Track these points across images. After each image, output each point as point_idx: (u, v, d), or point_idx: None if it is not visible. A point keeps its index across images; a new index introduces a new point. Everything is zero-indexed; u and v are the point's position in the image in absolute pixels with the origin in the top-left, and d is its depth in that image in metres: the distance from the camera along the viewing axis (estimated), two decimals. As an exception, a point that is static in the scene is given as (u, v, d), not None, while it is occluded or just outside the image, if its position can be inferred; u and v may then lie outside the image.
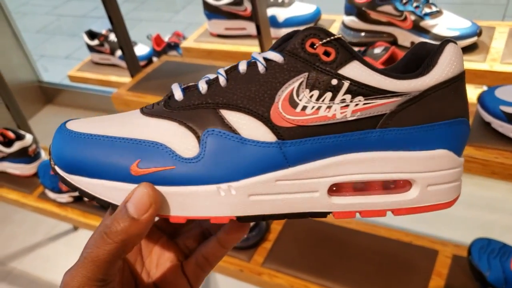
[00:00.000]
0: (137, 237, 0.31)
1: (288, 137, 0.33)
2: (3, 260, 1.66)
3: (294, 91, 0.33)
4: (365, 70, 0.33)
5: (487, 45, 0.96)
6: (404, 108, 0.34)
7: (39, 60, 2.72)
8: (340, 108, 0.33)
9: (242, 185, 0.33)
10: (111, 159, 0.34)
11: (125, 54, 1.18)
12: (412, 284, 0.90)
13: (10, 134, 1.27)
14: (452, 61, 0.34)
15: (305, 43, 0.33)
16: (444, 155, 0.34)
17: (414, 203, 0.35)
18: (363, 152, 0.34)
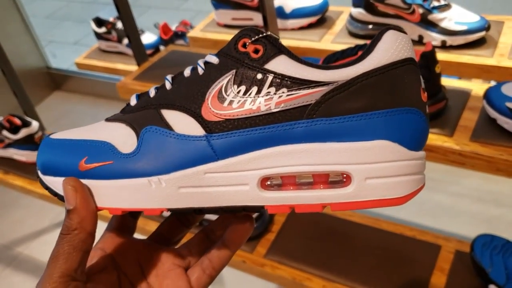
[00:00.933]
0: (83, 224, 0.34)
1: (216, 130, 0.34)
2: (10, 245, 1.68)
3: (223, 87, 0.35)
4: (291, 63, 0.34)
5: (495, 40, 0.94)
6: (331, 97, 0.33)
7: (48, 46, 2.72)
8: (264, 100, 0.33)
9: (171, 177, 0.35)
10: (66, 157, 0.37)
11: (132, 43, 1.18)
12: (414, 279, 0.90)
13: (16, 120, 1.27)
14: (389, 48, 0.33)
15: (237, 43, 0.35)
16: (384, 145, 0.32)
17: (351, 197, 0.33)
18: (291, 144, 0.33)
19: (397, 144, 0.33)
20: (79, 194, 0.35)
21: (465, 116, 0.78)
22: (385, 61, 0.33)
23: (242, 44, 0.35)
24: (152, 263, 0.39)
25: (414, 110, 0.33)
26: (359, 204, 0.33)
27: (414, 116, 0.33)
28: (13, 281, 1.55)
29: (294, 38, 1.10)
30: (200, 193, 0.35)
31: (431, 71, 0.74)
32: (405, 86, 0.33)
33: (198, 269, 0.39)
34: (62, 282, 0.33)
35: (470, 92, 0.82)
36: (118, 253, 0.39)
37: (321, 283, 0.92)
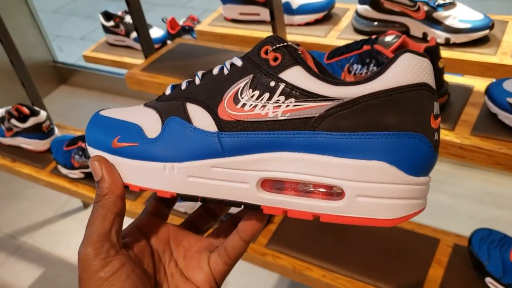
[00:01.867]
0: (111, 188, 0.39)
1: (227, 129, 0.37)
2: (14, 234, 1.70)
3: (239, 90, 0.37)
4: (304, 74, 0.35)
5: (498, 39, 0.96)
6: (334, 113, 0.33)
7: (55, 40, 2.74)
8: (272, 107, 0.35)
9: (183, 166, 0.38)
10: (105, 133, 0.42)
11: (140, 36, 1.20)
12: (412, 271, 0.91)
13: (25, 109, 1.29)
14: (401, 71, 0.33)
15: (260, 49, 0.37)
16: (380, 167, 0.33)
17: (340, 211, 0.34)
18: (292, 152, 0.35)
19: (394, 167, 0.33)
20: (103, 165, 0.40)
21: (467, 111, 0.79)
22: (394, 83, 0.33)
23: (265, 50, 0.36)
24: (181, 246, 0.42)
25: (419, 135, 0.33)
26: (347, 219, 0.34)
27: (417, 142, 0.33)
28: (17, 270, 1.57)
29: (300, 33, 1.12)
30: (205, 184, 0.38)
31: (434, 66, 0.76)
32: (413, 110, 0.33)
33: (216, 255, 0.41)
34: (99, 241, 0.36)
35: (472, 88, 0.84)
36: (151, 232, 0.41)
37: (321, 272, 0.93)
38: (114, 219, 0.38)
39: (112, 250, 0.37)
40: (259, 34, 1.16)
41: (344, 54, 0.83)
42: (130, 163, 0.40)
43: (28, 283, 1.51)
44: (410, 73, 0.33)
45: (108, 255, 0.36)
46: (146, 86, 1.05)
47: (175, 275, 0.40)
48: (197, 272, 0.41)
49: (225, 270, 0.41)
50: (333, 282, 0.92)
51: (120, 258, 0.37)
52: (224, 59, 1.16)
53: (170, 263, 0.41)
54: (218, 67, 0.40)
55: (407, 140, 0.33)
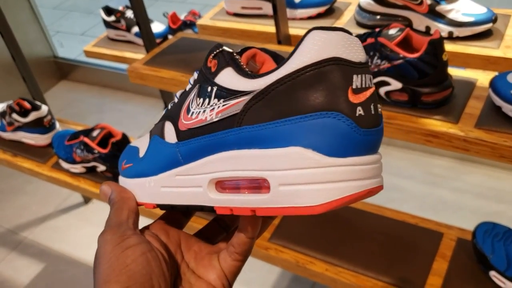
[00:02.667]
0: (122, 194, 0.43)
1: (182, 138, 0.39)
2: (15, 229, 1.70)
3: (191, 100, 0.38)
4: (233, 75, 0.35)
5: (501, 32, 0.96)
6: (251, 106, 0.33)
7: (55, 36, 2.74)
8: (209, 111, 0.36)
9: (157, 178, 0.41)
10: (121, 160, 0.47)
11: (142, 30, 1.19)
12: (416, 265, 0.91)
13: (26, 104, 1.29)
14: (307, 51, 0.31)
15: (207, 60, 0.38)
16: (295, 152, 0.31)
17: (268, 203, 0.33)
18: (226, 151, 0.35)
19: (311, 150, 0.31)
20: (112, 185, 0.44)
21: (471, 104, 0.79)
22: (298, 65, 0.31)
23: (210, 60, 0.38)
24: (192, 250, 0.43)
25: (334, 113, 0.30)
26: (276, 210, 0.33)
27: (333, 120, 0.31)
28: (18, 265, 1.57)
29: (302, 27, 1.12)
30: (173, 192, 0.40)
31: (439, 59, 0.75)
32: (323, 89, 0.31)
33: (225, 253, 0.41)
34: (116, 226, 0.39)
35: (476, 82, 0.84)
36: (163, 235, 0.42)
37: (324, 266, 0.93)
38: (129, 214, 0.41)
39: (128, 231, 0.38)
40: (261, 28, 1.16)
41: (347, 47, 0.83)
42: (129, 181, 0.44)
43: (29, 278, 1.51)
44: (314, 51, 0.31)
45: (124, 234, 0.38)
46: (148, 80, 1.04)
47: (187, 274, 0.41)
48: (209, 271, 0.41)
49: (235, 267, 0.41)
50: (336, 276, 0.92)
51: (136, 237, 0.38)
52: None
53: (182, 264, 0.42)
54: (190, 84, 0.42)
55: (320, 121, 0.31)
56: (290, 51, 0.33)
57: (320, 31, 0.31)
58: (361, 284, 0.90)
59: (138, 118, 2.09)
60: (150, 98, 2.12)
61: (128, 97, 2.25)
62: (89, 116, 2.16)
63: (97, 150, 1.12)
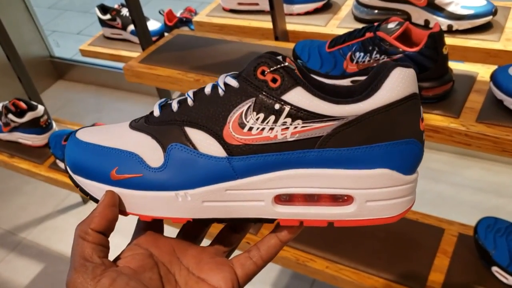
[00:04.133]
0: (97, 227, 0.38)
1: (236, 153, 0.37)
2: (14, 230, 1.69)
3: (243, 113, 0.37)
4: (306, 95, 0.36)
5: (501, 25, 0.95)
6: (341, 131, 0.36)
7: (51, 35, 2.72)
8: (281, 130, 0.36)
9: (196, 192, 0.38)
10: (97, 164, 0.41)
11: (138, 28, 1.18)
12: (417, 261, 0.90)
13: (22, 104, 1.28)
14: (396, 86, 0.35)
15: (256, 70, 0.37)
16: (383, 174, 0.36)
17: (353, 216, 0.37)
18: (303, 168, 0.37)
19: (395, 172, 0.36)
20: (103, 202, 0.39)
21: (472, 98, 0.78)
22: (391, 99, 0.35)
23: (261, 71, 0.37)
24: (189, 254, 0.41)
25: (412, 140, 0.37)
26: (359, 221, 0.38)
27: (412, 146, 0.37)
28: (17, 266, 1.56)
29: (299, 23, 1.11)
30: (221, 206, 0.39)
31: (439, 53, 0.74)
32: (407, 120, 0.36)
33: (244, 255, 0.40)
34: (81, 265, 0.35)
35: (477, 76, 0.82)
36: (152, 247, 0.40)
37: (324, 264, 0.92)
38: (94, 247, 0.37)
39: (98, 270, 0.35)
40: (258, 24, 1.15)
41: (346, 42, 0.82)
42: (136, 194, 0.39)
43: (28, 279, 1.50)
44: (402, 87, 0.36)
45: (95, 274, 0.35)
46: (145, 78, 1.03)
47: (190, 282, 0.39)
48: (216, 274, 0.39)
49: (253, 271, 0.40)
50: (337, 273, 0.91)
51: (109, 274, 0.35)
52: (223, 49, 1.14)
53: (181, 271, 0.39)
54: (210, 86, 0.39)
55: (403, 147, 0.36)
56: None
57: (404, 68, 0.36)
58: (362, 281, 0.89)
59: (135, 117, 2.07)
60: (147, 97, 2.11)
61: (125, 96, 2.23)
62: (86, 116, 2.15)
63: (94, 149, 1.10)
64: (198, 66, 0.98)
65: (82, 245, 0.36)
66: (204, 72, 0.96)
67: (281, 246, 0.40)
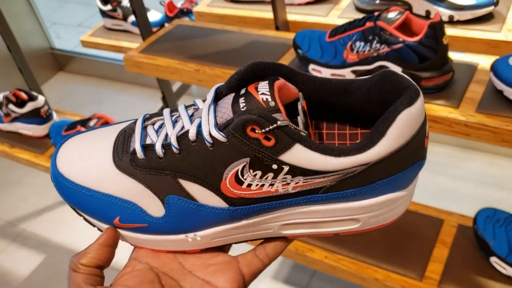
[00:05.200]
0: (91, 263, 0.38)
1: (238, 204, 0.37)
2: (14, 221, 1.69)
3: (239, 171, 0.35)
4: (305, 153, 0.34)
5: (503, 15, 0.94)
6: (344, 179, 0.35)
7: (52, 27, 2.72)
8: (281, 185, 0.35)
9: (205, 233, 0.39)
10: (97, 211, 0.40)
11: (138, 19, 1.18)
12: (416, 252, 0.91)
13: (22, 95, 1.28)
14: (402, 132, 0.33)
15: (246, 128, 0.34)
16: (388, 199, 0.36)
17: (357, 229, 0.39)
18: (308, 206, 0.37)
19: (396, 193, 0.36)
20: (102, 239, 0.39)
21: (472, 88, 0.78)
22: (396, 146, 0.33)
23: (251, 129, 0.33)
24: (189, 260, 0.40)
25: (418, 162, 0.36)
26: (362, 230, 0.39)
27: (417, 167, 0.36)
28: (18, 257, 1.56)
29: (300, 13, 1.10)
30: (231, 238, 0.40)
31: (439, 43, 0.74)
32: (414, 150, 0.35)
33: (251, 254, 0.40)
34: None
35: (477, 66, 0.82)
36: (152, 258, 0.40)
37: (324, 254, 0.92)
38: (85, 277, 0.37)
39: None
40: (259, 14, 1.14)
41: (346, 32, 0.82)
42: (146, 237, 0.40)
43: (29, 270, 1.51)
44: (410, 130, 0.33)
45: None
46: (145, 69, 1.03)
47: (195, 286, 0.38)
48: (222, 275, 0.39)
49: (259, 269, 0.40)
50: (336, 263, 0.91)
51: None
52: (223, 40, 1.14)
53: (185, 276, 0.39)
54: (194, 133, 0.36)
55: (409, 171, 0.36)
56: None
57: (408, 111, 0.32)
58: (361, 272, 0.89)
59: (135, 109, 2.08)
60: (148, 89, 2.11)
61: (125, 88, 2.23)
62: (86, 107, 2.14)
63: (94, 140, 1.10)
64: (198, 56, 0.98)
65: (74, 276, 0.37)
66: (204, 62, 0.95)
67: (287, 245, 0.41)
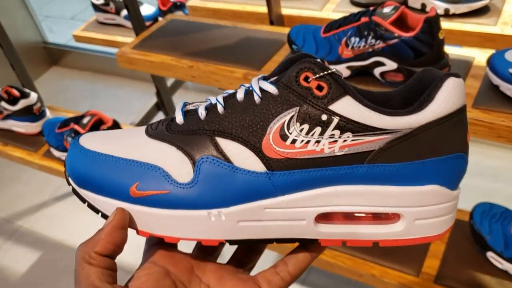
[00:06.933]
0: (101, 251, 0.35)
1: (278, 168, 0.34)
2: (10, 218, 1.68)
3: (285, 124, 0.33)
4: (356, 106, 0.33)
5: (499, 8, 0.94)
6: (394, 145, 0.33)
7: (44, 20, 2.69)
8: (328, 143, 0.33)
9: (231, 211, 0.34)
10: (113, 178, 0.36)
11: (131, 13, 1.17)
12: (413, 247, 0.90)
13: (15, 92, 1.26)
14: (449, 97, 0.33)
15: (299, 77, 0.33)
16: (434, 190, 0.34)
17: (401, 235, 0.35)
18: (351, 185, 0.34)
19: (444, 188, 0.34)
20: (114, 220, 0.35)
21: (468, 83, 0.77)
22: (445, 111, 0.33)
23: (304, 77, 0.33)
24: (210, 269, 0.38)
25: (461, 155, 0.34)
26: (406, 241, 0.35)
27: (461, 161, 0.35)
28: (14, 254, 1.56)
29: (295, 7, 1.09)
30: (259, 226, 0.35)
31: (435, 38, 0.73)
32: (458, 133, 0.34)
33: (270, 271, 0.37)
34: None
35: (473, 60, 0.82)
36: (170, 263, 0.37)
37: (321, 251, 0.92)
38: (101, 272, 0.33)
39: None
40: (253, 8, 1.13)
41: (341, 27, 0.81)
42: (162, 213, 0.35)
43: (26, 266, 1.50)
44: (455, 99, 0.33)
45: None
46: (138, 65, 1.02)
47: None
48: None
49: (280, 285, 0.37)
50: (333, 259, 0.91)
51: None
52: (217, 35, 1.12)
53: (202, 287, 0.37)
54: (242, 91, 0.35)
55: (454, 162, 0.34)
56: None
57: (456, 79, 0.33)
58: (357, 268, 0.89)
59: (130, 103, 2.07)
60: (142, 83, 2.09)
61: (120, 82, 2.22)
62: (81, 102, 2.13)
63: (88, 137, 1.10)
64: (192, 52, 0.97)
65: (88, 270, 0.33)
66: (198, 58, 0.94)
67: (311, 261, 0.37)
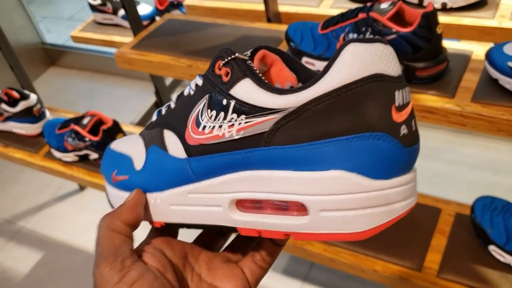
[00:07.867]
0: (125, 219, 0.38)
1: (194, 154, 0.36)
2: (12, 219, 1.69)
3: (199, 112, 0.35)
4: (252, 87, 0.32)
5: (496, 1, 0.93)
6: (282, 125, 0.31)
7: (42, 21, 2.69)
8: (227, 127, 0.33)
9: (164, 195, 0.38)
10: (107, 168, 0.42)
11: (128, 13, 1.16)
12: (414, 242, 0.91)
13: (14, 93, 1.26)
14: (346, 67, 0.29)
15: (215, 65, 0.35)
16: (338, 176, 0.29)
17: (307, 228, 0.31)
18: (251, 170, 0.33)
19: (356, 174, 0.29)
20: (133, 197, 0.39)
21: (467, 77, 0.77)
22: (338, 83, 0.29)
23: (218, 66, 0.34)
24: (200, 260, 0.40)
25: (379, 134, 0.29)
26: (316, 236, 0.31)
27: (377, 142, 0.29)
28: (17, 254, 1.56)
29: (292, 3, 1.09)
30: (185, 210, 0.37)
31: (432, 33, 0.73)
32: (366, 109, 0.29)
33: (249, 260, 0.40)
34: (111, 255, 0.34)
35: (471, 54, 0.82)
36: (166, 249, 0.39)
37: (322, 247, 0.92)
38: (124, 239, 0.36)
39: (127, 261, 0.34)
40: (250, 6, 1.13)
41: (339, 24, 0.81)
42: (126, 195, 0.39)
43: (28, 267, 1.51)
44: (355, 68, 0.29)
45: (123, 266, 0.33)
46: (136, 65, 1.02)
47: (203, 286, 0.38)
48: (230, 280, 0.38)
49: (261, 275, 0.40)
50: (335, 256, 0.91)
51: (138, 268, 0.34)
52: (215, 33, 1.13)
53: (193, 277, 0.39)
54: (188, 87, 0.38)
55: (364, 143, 0.29)
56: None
57: (358, 44, 0.29)
58: (359, 263, 0.89)
59: (129, 102, 2.07)
60: (141, 82, 2.10)
61: (119, 81, 2.22)
62: (80, 102, 2.13)
63: (88, 138, 1.10)
64: (190, 51, 0.97)
65: (112, 236, 0.35)
66: (196, 57, 0.94)
67: (280, 249, 0.40)
